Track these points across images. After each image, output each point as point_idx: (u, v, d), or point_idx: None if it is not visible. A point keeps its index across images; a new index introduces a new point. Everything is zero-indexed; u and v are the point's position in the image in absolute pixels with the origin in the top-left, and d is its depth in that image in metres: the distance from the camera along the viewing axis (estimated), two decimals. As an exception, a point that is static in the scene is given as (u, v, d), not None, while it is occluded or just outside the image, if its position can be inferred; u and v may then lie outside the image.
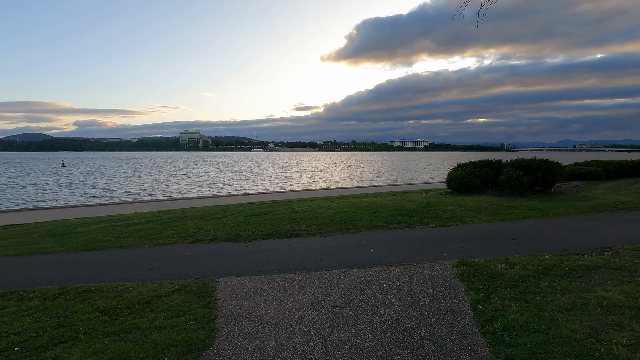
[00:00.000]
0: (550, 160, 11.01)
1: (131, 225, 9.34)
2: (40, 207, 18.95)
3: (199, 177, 40.23)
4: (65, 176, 41.41)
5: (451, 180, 11.57)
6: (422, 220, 7.78)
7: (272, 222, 8.37)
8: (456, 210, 8.49)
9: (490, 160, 12.42)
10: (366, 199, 12.48)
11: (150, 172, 48.10)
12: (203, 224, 8.74)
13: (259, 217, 9.30)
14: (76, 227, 9.72)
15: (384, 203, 10.29)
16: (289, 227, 7.79)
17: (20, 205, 19.97)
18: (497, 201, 9.61)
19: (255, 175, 41.92)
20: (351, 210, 9.21)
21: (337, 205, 10.40)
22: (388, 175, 42.39)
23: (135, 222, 9.87)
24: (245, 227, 8.07)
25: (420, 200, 10.56)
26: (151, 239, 7.49)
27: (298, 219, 8.59)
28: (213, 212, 11.25)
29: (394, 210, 8.93)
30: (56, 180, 35.62)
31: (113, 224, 9.81)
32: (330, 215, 8.70)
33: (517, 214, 7.93)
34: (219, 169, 56.27)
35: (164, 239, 7.36)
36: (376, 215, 8.35)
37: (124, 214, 13.02)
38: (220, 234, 7.48)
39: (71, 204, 20.31)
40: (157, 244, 7.05)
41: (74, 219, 12.26)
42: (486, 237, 6.09)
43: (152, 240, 7.32)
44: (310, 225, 7.84)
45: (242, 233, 7.46)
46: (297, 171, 50.66)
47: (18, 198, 23.07)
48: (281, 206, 11.59)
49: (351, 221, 7.95)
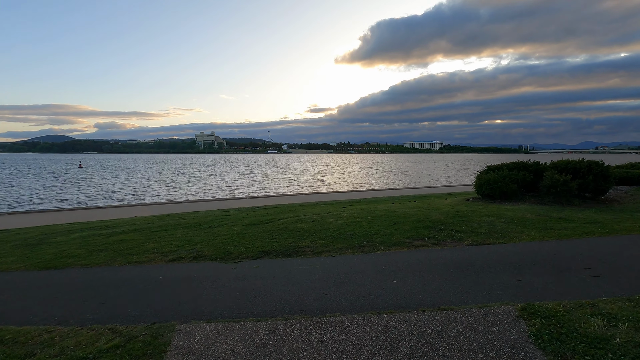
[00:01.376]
0: (601, 163, 9.33)
1: (114, 235, 8.16)
2: (37, 210, 18.18)
3: (208, 178, 39.38)
4: (78, 177, 41.25)
5: (481, 184, 10.01)
6: (454, 235, 6.31)
7: (271, 234, 7.04)
8: (495, 223, 6.97)
9: (525, 162, 10.78)
10: (382, 205, 11.02)
11: (159, 174, 47.64)
12: (193, 235, 7.48)
13: (258, 227, 7.99)
14: (56, 236, 8.62)
15: (404, 211, 8.82)
16: (290, 241, 6.43)
17: (25, 207, 19.30)
18: (542, 211, 8.01)
19: (266, 177, 40.80)
20: (365, 221, 7.79)
21: (350, 213, 9.00)
22: (404, 177, 40.62)
23: (120, 231, 8.71)
24: (239, 240, 6.76)
25: (446, 208, 9.04)
26: (126, 254, 6.26)
27: (302, 230, 7.23)
28: (210, 219, 10.01)
29: (417, 220, 7.46)
30: (69, 181, 35.34)
31: (97, 233, 8.67)
32: (341, 227, 7.31)
33: (574, 229, 6.36)
34: (229, 170, 55.50)
35: (140, 255, 6.11)
36: (396, 228, 6.91)
37: (119, 219, 11.95)
38: (207, 250, 6.18)
39: (71, 206, 19.52)
40: (130, 262, 5.81)
41: (64, 224, 11.23)
42: (547, 264, 4.59)
43: (126, 257, 6.08)
44: (316, 239, 6.47)
45: (233, 249, 6.14)
46: (309, 173, 49.34)
47: (26, 198, 22.52)
48: (286, 213, 10.26)
49: (366, 235, 6.53)
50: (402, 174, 47.33)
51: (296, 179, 38.94)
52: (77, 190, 27.26)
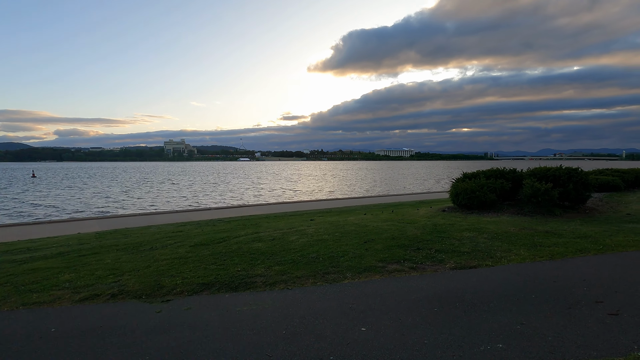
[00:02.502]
0: (580, 170, 8.87)
1: (29, 262, 6.67)
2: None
3: (171, 188, 37.17)
4: (26, 188, 37.70)
5: (458, 194, 9.30)
6: (434, 256, 5.41)
7: (220, 259, 5.86)
8: (477, 240, 6.15)
9: (502, 169, 10.23)
10: (353, 217, 10.08)
11: (119, 184, 44.60)
12: (125, 261, 6.16)
13: (208, 248, 6.77)
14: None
15: (377, 225, 7.90)
16: (240, 268, 5.29)
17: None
18: (525, 223, 7.33)
19: (235, 186, 39.08)
20: (333, 238, 6.77)
21: (316, 229, 7.97)
22: (376, 185, 40.22)
23: (41, 255, 7.21)
24: (179, 267, 5.54)
25: (422, 220, 8.21)
26: (27, 291, 4.88)
27: (258, 252, 6.10)
28: (157, 237, 8.64)
29: (391, 238, 6.53)
30: (13, 192, 32.06)
31: (9, 258, 7.12)
32: (304, 247, 6.24)
33: (565, 246, 5.64)
34: (196, 179, 53.06)
35: (45, 293, 4.76)
36: (367, 248, 5.93)
37: (53, 238, 10.24)
38: (133, 282, 4.92)
39: (11, 221, 17.24)
40: (27, 304, 4.46)
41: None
42: (549, 295, 3.74)
43: (25, 295, 4.71)
44: (272, 264, 5.36)
45: (167, 281, 4.92)
46: (281, 181, 48.00)
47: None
48: (246, 228, 9.08)
49: (332, 258, 5.50)
50: (374, 181, 47.00)
51: (267, 187, 37.54)
52: (19, 203, 24.53)
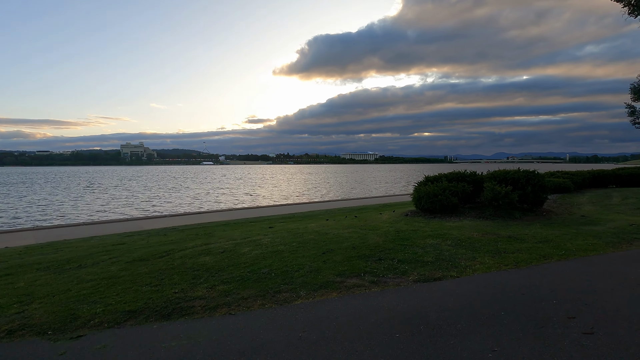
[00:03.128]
0: (537, 172, 8.96)
1: None
2: None
3: (123, 194, 34.78)
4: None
5: (420, 197, 9.07)
6: (396, 267, 4.99)
7: (157, 277, 5.08)
8: (441, 247, 5.83)
9: (463, 172, 10.18)
10: (314, 224, 9.57)
11: (64, 189, 41.11)
12: (42, 283, 5.20)
13: (147, 264, 5.93)
14: None
15: (338, 233, 7.42)
16: (178, 288, 4.56)
17: None
18: (488, 228, 7.17)
19: (196, 191, 37.31)
20: (289, 249, 6.18)
21: (273, 238, 7.35)
22: (342, 188, 40.13)
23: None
24: (106, 289, 4.70)
25: (385, 227, 7.85)
26: None
27: (204, 268, 5.38)
28: (91, 252, 7.60)
29: (351, 247, 6.07)
30: None
31: None
32: (256, 260, 5.60)
33: (529, 252, 5.44)
34: (153, 183, 50.23)
35: None
36: (326, 260, 5.41)
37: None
38: (42, 313, 4.04)
39: None
40: None
41: None
42: (519, 312, 3.40)
43: None
44: (216, 283, 4.68)
45: (85, 309, 4.09)
46: (245, 186, 46.62)
47: None
48: (196, 239, 8.27)
49: (285, 273, 4.92)
50: (340, 184, 46.97)
51: (229, 192, 36.17)
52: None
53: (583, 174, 16.90)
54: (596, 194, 13.77)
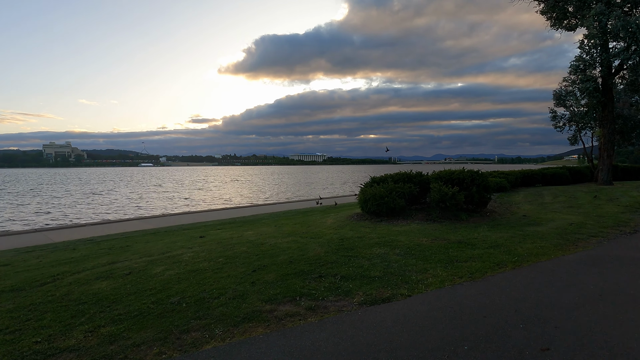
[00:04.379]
0: (481, 172, 8.83)
1: None
2: None
3: (34, 200, 30.42)
4: None
5: (367, 200, 8.47)
6: (339, 285, 4.19)
7: (23, 316, 3.73)
8: (389, 257, 5.17)
9: (409, 173, 9.81)
10: (252, 232, 8.53)
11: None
12: None
13: (18, 296, 4.49)
14: None
15: (275, 243, 6.48)
16: (45, 334, 3.31)
17: None
18: (436, 232, 6.71)
19: (129, 195, 33.84)
20: (213, 267, 5.11)
21: (196, 252, 6.20)
22: (289, 190, 39.14)
23: None
24: None
25: (329, 233, 7.07)
26: None
27: (95, 298, 4.12)
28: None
29: (288, 261, 5.17)
30: None
31: None
32: (167, 284, 4.46)
33: (482, 260, 4.97)
34: (78, 187, 44.92)
35: None
36: (255, 280, 4.45)
37: None
38: None
39: None
40: None
41: None
42: (484, 345, 2.75)
43: None
44: (102, 322, 3.50)
45: None
46: (186, 188, 43.53)
47: None
48: (102, 256, 6.81)
49: (201, 302, 3.86)
50: (287, 186, 45.93)
51: (167, 196, 33.34)
52: None
53: (515, 173, 17.80)
54: (529, 192, 14.40)
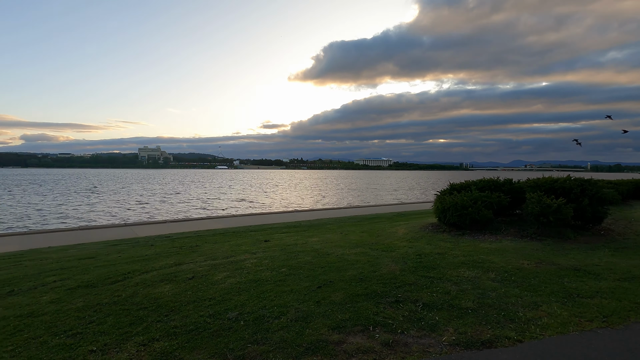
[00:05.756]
0: (594, 181, 7.23)
1: None
2: None
3: (121, 198, 33.97)
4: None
5: (445, 209, 7.44)
6: (421, 315, 3.42)
7: (86, 318, 3.64)
8: (482, 282, 4.22)
9: (497, 180, 8.50)
10: (317, 238, 8.05)
11: (68, 191, 40.72)
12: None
13: (91, 292, 4.52)
14: None
15: (342, 254, 5.87)
16: (100, 344, 3.10)
17: None
18: (538, 253, 5.49)
19: (207, 194, 36.28)
20: (276, 278, 4.67)
21: (260, 259, 5.86)
22: (354, 194, 38.45)
23: None
24: (5, 339, 3.29)
25: (402, 247, 6.25)
26: None
27: (155, 304, 3.92)
28: (48, 268, 6.25)
29: (358, 277, 4.52)
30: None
31: None
32: (227, 295, 4.11)
33: (615, 296, 3.77)
34: (157, 187, 49.60)
35: None
36: (321, 299, 3.87)
37: None
38: None
39: None
40: None
41: None
42: None
43: None
44: (157, 334, 3.20)
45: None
46: (256, 190, 45.42)
47: None
48: (170, 256, 6.86)
49: (260, 321, 3.39)
50: (351, 190, 45.28)
51: (239, 196, 34.98)
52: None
53: (626, 183, 14.87)
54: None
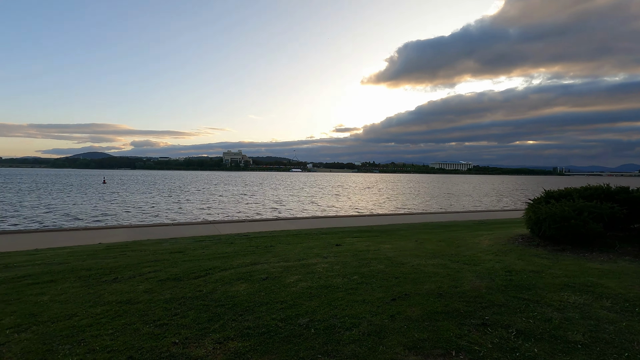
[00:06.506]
0: None
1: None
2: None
3: (205, 197, 37.01)
4: (90, 194, 40.11)
5: (541, 220, 6.52)
6: (514, 344, 2.94)
7: (171, 310, 3.91)
8: (594, 311, 3.52)
9: (606, 186, 7.21)
10: (390, 245, 7.72)
11: (165, 190, 45.89)
12: (61, 300, 4.49)
13: (177, 285, 4.90)
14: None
15: (418, 265, 5.47)
16: (182, 337, 3.29)
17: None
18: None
19: (282, 196, 37.99)
20: (347, 285, 4.52)
21: (331, 264, 5.77)
22: (429, 199, 36.59)
23: None
24: (110, 321, 3.69)
25: (488, 260, 5.62)
26: None
27: (231, 303, 4.07)
28: (144, 259, 7.03)
29: (437, 292, 4.13)
30: (64, 199, 34.01)
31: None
32: (298, 299, 4.08)
33: None
34: (234, 188, 53.16)
35: None
36: (395, 313, 3.61)
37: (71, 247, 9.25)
38: (17, 352, 3.14)
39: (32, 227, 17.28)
40: None
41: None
42: None
43: None
44: (232, 333, 3.29)
45: (61, 354, 3.07)
46: (328, 193, 46.09)
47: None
48: (246, 255, 7.16)
49: (331, 330, 3.27)
50: (427, 195, 43.17)
51: (311, 199, 35.84)
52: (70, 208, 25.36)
53: None
54: None
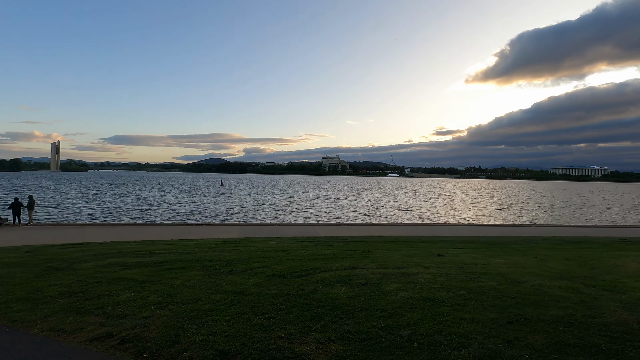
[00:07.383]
0: None
1: (123, 269, 6.62)
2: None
3: (312, 202, 38.59)
4: (210, 193, 46.18)
5: None
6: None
7: (277, 305, 4.20)
8: None
9: None
10: (502, 260, 6.94)
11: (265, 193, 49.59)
12: (190, 285, 5.25)
13: (282, 282, 5.24)
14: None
15: (540, 286, 4.73)
16: (287, 332, 3.50)
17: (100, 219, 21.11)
18: None
19: (381, 201, 37.69)
20: (452, 300, 4.16)
21: (434, 274, 5.43)
22: (550, 210, 31.65)
23: (146, 262, 7.19)
24: (225, 310, 4.15)
25: (637, 287, 4.54)
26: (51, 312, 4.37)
27: (332, 304, 4.15)
28: (254, 255, 7.73)
29: (566, 318, 3.50)
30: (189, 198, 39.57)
31: (118, 260, 7.34)
32: (399, 308, 3.93)
33: None
34: (332, 192, 54.30)
35: (63, 317, 4.12)
36: (513, 339, 3.16)
37: (196, 240, 10.90)
38: (157, 326, 3.77)
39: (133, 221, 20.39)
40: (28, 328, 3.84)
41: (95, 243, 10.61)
42: None
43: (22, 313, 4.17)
44: (333, 335, 3.35)
45: (189, 333, 3.56)
46: (429, 199, 43.84)
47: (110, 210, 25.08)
48: (345, 259, 7.25)
49: (436, 347, 3.05)
50: (544, 204, 37.45)
51: (409, 205, 34.59)
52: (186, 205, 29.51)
53: None
54: None
